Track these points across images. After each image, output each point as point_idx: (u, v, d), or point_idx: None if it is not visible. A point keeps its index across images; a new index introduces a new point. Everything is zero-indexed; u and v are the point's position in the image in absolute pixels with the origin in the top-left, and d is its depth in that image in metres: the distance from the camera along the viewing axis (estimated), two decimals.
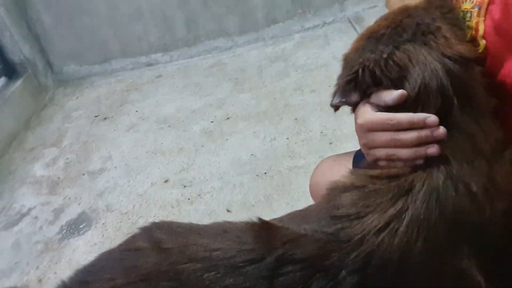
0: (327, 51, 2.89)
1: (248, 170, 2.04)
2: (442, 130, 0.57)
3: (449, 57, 0.60)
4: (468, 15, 0.66)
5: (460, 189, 0.56)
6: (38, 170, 2.45)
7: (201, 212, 1.87)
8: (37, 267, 1.81)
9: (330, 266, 0.56)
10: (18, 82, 2.97)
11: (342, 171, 1.08)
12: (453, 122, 0.58)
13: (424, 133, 0.57)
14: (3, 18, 2.88)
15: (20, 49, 3.01)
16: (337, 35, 3.03)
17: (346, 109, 0.73)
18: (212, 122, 2.47)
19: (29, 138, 2.78)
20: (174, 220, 0.72)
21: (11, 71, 3.02)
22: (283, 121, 2.30)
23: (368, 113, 0.64)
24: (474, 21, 0.65)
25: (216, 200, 1.91)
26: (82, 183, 2.26)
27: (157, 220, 0.73)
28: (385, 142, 0.62)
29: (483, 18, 0.64)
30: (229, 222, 0.68)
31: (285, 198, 1.83)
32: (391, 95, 0.60)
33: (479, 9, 0.64)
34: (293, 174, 1.94)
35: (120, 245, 0.69)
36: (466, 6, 0.67)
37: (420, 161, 0.58)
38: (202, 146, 2.29)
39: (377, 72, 0.62)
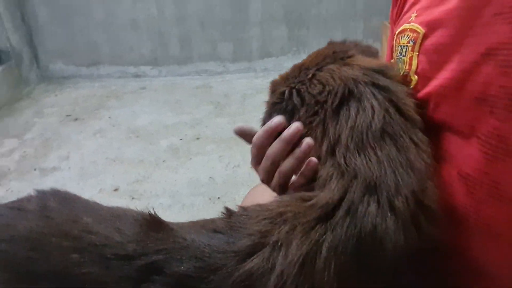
0: None
1: (202, 192, 1.92)
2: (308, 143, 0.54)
3: (372, 69, 0.57)
4: (404, 50, 0.63)
5: (382, 205, 0.47)
6: None
7: None
8: None
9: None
10: None
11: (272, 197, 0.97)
12: (387, 132, 0.52)
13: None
14: None
15: (8, 38, 2.96)
16: None
17: None
18: (181, 139, 2.37)
19: None
20: None
21: None
22: None
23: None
24: (408, 56, 0.62)
25: (160, 217, 1.77)
26: (30, 178, 2.13)
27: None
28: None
29: (417, 53, 0.61)
30: (129, 210, 0.61)
31: None
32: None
33: (414, 43, 0.61)
34: None
35: (12, 201, 0.62)
36: (403, 41, 0.64)
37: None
38: (164, 161, 2.18)
39: (302, 90, 0.59)
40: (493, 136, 0.49)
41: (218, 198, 1.86)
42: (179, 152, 2.26)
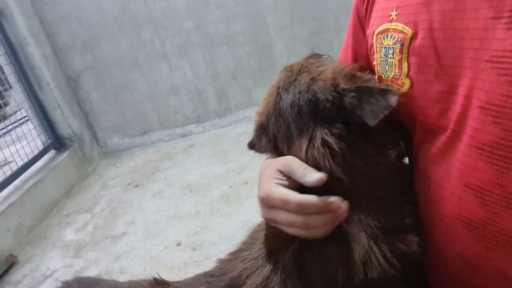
0: None
1: None
2: (344, 208, 0.54)
3: None
4: (390, 51, 0.59)
5: None
6: (69, 234, 2.59)
7: None
8: None
9: None
10: (65, 155, 3.25)
11: None
12: None
13: (330, 217, 0.55)
14: (56, 98, 3.25)
15: (69, 125, 3.34)
16: None
17: None
18: (231, 187, 2.52)
19: (68, 205, 2.97)
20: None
21: (59, 145, 3.33)
22: None
23: (270, 187, 0.59)
24: (396, 58, 0.58)
25: None
26: (104, 246, 2.35)
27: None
28: (287, 223, 0.57)
29: (406, 55, 0.57)
30: (138, 281, 0.74)
31: None
32: (310, 177, 0.56)
33: (402, 45, 0.57)
34: None
35: None
36: (388, 42, 0.60)
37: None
38: (218, 210, 2.32)
39: None
40: (500, 146, 0.47)
41: None
42: (231, 198, 2.40)
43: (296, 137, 0.62)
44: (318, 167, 0.58)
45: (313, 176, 0.55)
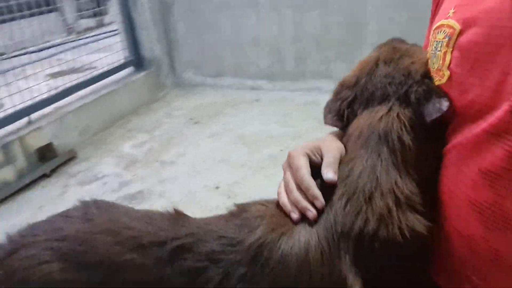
0: None
1: None
2: (313, 215, 0.66)
3: None
4: (439, 45, 0.65)
5: None
6: (126, 148, 2.80)
7: None
8: None
9: (224, 260, 0.64)
10: (142, 74, 3.45)
11: None
12: None
13: (302, 204, 0.67)
14: (146, 19, 3.40)
15: (152, 48, 3.51)
16: None
17: None
18: (281, 150, 2.56)
19: (133, 121, 3.19)
20: None
21: (139, 64, 3.52)
22: None
23: (300, 153, 0.73)
24: (442, 50, 0.64)
25: None
26: (153, 167, 2.52)
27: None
28: (285, 181, 0.76)
29: (451, 49, 0.62)
30: (157, 210, 0.76)
31: None
32: (327, 171, 0.68)
33: (449, 39, 0.62)
34: None
35: (62, 211, 0.78)
36: (439, 36, 0.65)
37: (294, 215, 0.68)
38: (262, 168, 2.39)
39: None
40: None
41: None
42: (278, 161, 2.45)
43: (376, 103, 0.72)
44: (388, 127, 0.68)
45: (329, 173, 0.68)
